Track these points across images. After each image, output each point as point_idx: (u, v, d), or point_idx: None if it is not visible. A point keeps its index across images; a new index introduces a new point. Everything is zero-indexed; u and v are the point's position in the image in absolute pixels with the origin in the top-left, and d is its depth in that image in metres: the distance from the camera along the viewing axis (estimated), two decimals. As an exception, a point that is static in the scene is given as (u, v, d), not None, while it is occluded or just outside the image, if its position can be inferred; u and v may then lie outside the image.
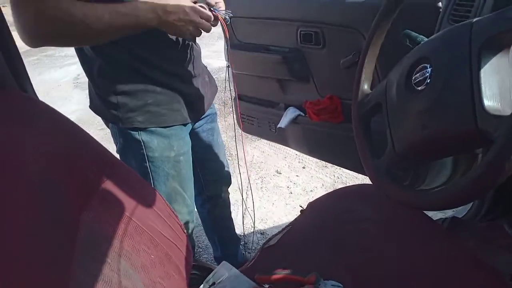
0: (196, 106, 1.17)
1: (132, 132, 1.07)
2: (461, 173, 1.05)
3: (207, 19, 0.98)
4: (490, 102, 0.56)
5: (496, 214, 1.09)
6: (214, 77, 1.33)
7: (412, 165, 0.73)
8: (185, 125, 1.15)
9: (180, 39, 1.07)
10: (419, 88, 0.65)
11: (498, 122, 0.53)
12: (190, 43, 1.11)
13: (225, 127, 3.03)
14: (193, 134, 1.26)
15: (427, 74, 0.64)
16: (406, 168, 0.72)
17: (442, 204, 0.59)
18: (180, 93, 1.10)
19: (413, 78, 0.67)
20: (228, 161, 1.48)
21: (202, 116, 1.25)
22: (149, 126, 1.07)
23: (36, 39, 0.86)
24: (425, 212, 0.92)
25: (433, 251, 0.82)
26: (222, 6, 1.06)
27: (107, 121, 1.14)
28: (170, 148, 1.11)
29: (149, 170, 1.12)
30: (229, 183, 1.51)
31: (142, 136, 1.07)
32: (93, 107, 1.14)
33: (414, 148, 0.67)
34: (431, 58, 0.64)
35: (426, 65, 0.65)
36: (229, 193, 1.55)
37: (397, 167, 0.71)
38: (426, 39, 0.75)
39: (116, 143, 1.16)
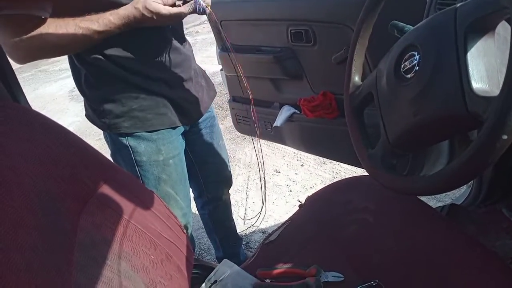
0: (187, 109, 1.17)
1: (120, 137, 1.10)
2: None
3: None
4: (478, 84, 0.57)
5: (494, 199, 1.09)
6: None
7: (406, 153, 0.73)
8: (174, 128, 1.16)
9: (164, 44, 1.08)
10: (408, 76, 0.65)
11: (487, 103, 0.53)
12: (177, 47, 1.12)
13: (222, 130, 3.03)
14: (191, 137, 1.27)
15: (415, 62, 0.65)
16: (400, 155, 0.72)
17: (436, 187, 0.59)
18: (166, 97, 1.11)
19: (402, 66, 0.67)
20: (229, 163, 1.48)
21: (201, 120, 1.26)
22: (135, 131, 1.09)
23: (18, 60, 0.95)
24: (423, 200, 0.92)
25: (433, 238, 0.82)
26: None
27: (99, 128, 1.15)
28: (158, 152, 1.12)
29: (139, 174, 1.14)
30: (229, 184, 1.51)
31: (129, 141, 1.10)
32: (87, 115, 1.16)
33: (407, 135, 0.67)
34: (418, 45, 0.65)
35: (414, 52, 0.66)
36: (229, 195, 1.55)
37: (391, 156, 0.72)
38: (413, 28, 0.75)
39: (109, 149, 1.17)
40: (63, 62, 6.49)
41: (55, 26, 0.90)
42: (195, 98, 1.18)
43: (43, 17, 0.89)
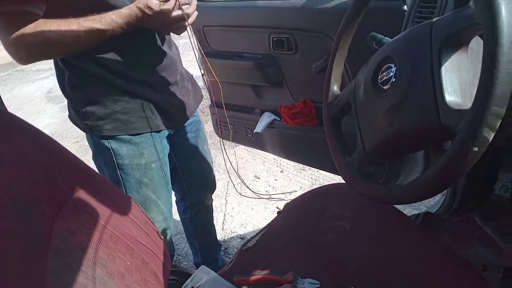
0: (172, 113, 1.16)
1: (102, 140, 1.08)
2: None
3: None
4: (451, 97, 0.58)
5: (467, 208, 1.12)
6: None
7: (382, 161, 0.74)
8: (158, 132, 1.15)
9: (150, 47, 1.07)
10: (385, 87, 0.67)
11: (459, 115, 0.55)
12: (163, 50, 1.11)
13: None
14: (176, 141, 1.26)
15: (392, 74, 0.66)
16: (377, 164, 0.73)
17: (411, 196, 0.60)
18: (151, 101, 1.09)
19: (379, 77, 0.69)
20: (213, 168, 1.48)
21: (186, 124, 1.25)
22: (118, 133, 1.08)
23: (20, 60, 0.95)
24: (399, 208, 0.94)
25: (408, 246, 0.83)
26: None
27: (81, 130, 1.13)
28: (140, 155, 1.11)
29: (120, 178, 1.12)
30: (213, 189, 1.50)
31: (111, 144, 1.08)
32: (70, 117, 1.15)
33: (383, 144, 0.68)
34: (395, 57, 0.66)
35: (391, 64, 0.67)
36: (212, 200, 1.54)
37: (368, 164, 0.73)
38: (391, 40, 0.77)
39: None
40: (41, 62, 6.35)
41: (57, 25, 0.89)
42: (180, 102, 1.17)
43: (38, 13, 0.89)
